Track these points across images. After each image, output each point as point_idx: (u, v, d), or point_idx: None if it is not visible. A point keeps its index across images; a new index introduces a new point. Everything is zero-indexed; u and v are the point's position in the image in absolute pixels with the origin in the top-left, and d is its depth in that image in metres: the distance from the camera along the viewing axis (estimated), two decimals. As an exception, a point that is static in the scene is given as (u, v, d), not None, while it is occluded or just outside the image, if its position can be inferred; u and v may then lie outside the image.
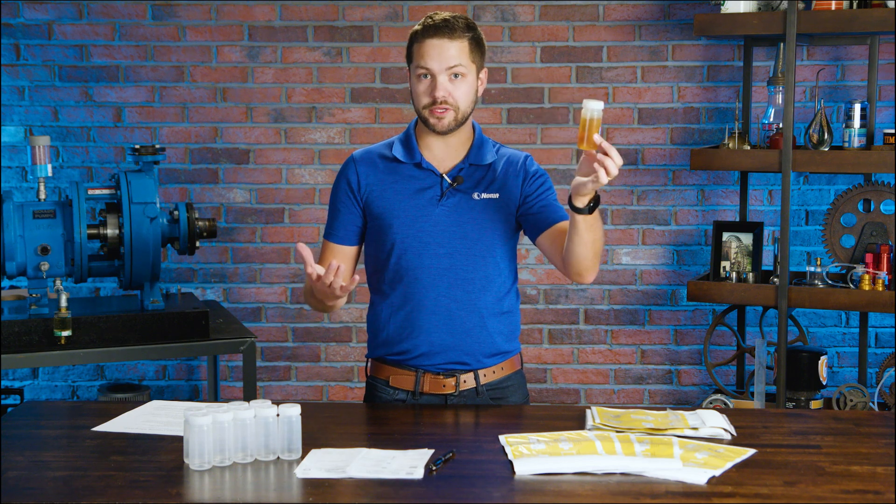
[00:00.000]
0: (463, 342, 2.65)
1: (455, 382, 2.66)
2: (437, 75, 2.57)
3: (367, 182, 2.69)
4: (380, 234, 2.69)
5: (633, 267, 4.48)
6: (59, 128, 4.47)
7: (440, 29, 2.57)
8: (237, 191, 4.51)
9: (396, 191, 2.67)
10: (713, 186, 4.44)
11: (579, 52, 4.41)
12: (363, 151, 2.75)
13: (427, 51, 2.57)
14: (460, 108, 2.60)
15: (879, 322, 4.38)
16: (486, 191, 2.66)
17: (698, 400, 4.47)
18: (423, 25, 2.61)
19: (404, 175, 2.67)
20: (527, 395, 2.81)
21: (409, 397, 2.68)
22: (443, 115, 2.59)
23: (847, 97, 4.26)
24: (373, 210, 2.69)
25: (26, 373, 4.53)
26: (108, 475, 2.16)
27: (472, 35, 2.60)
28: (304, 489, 2.10)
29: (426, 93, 2.59)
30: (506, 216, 2.67)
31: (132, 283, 3.58)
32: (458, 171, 2.66)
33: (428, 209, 2.64)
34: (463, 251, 2.64)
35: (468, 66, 2.59)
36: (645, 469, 2.15)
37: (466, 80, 2.60)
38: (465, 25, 2.60)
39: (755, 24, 3.89)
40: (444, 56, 2.56)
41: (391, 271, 2.68)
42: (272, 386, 4.55)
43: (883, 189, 3.99)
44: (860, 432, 2.47)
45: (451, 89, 2.58)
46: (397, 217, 2.65)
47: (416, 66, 2.61)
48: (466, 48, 2.58)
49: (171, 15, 4.43)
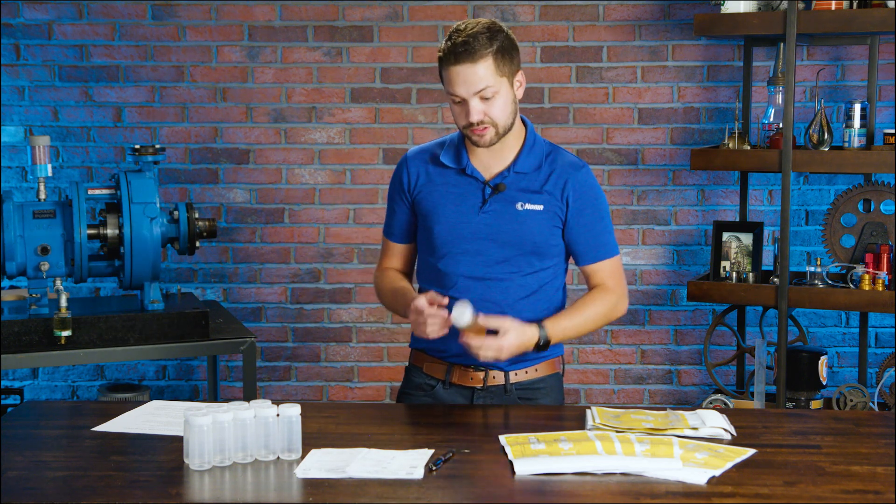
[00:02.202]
0: None
1: (483, 377, 2.67)
2: (469, 100, 2.53)
3: (417, 182, 2.71)
4: (425, 235, 2.71)
5: (633, 267, 4.48)
6: (59, 128, 4.47)
7: (461, 55, 2.51)
8: (237, 191, 4.51)
9: (441, 194, 2.67)
10: (713, 186, 4.44)
11: (579, 52, 4.41)
12: (417, 150, 2.76)
13: (453, 78, 2.53)
14: (499, 124, 2.57)
15: (879, 322, 4.38)
16: (530, 201, 2.63)
17: (698, 400, 4.47)
18: (445, 50, 2.55)
19: (450, 179, 2.68)
20: (561, 397, 2.79)
21: (440, 385, 2.70)
22: (483, 133, 2.57)
23: (847, 97, 4.26)
24: (420, 210, 2.71)
25: (26, 373, 4.53)
26: (108, 475, 2.16)
27: (496, 48, 2.52)
28: (304, 489, 2.10)
29: (463, 116, 2.57)
30: (550, 228, 2.64)
31: (132, 283, 3.58)
32: (502, 179, 2.64)
33: (469, 216, 2.64)
34: (501, 262, 2.63)
35: (497, 82, 2.54)
36: (645, 469, 2.15)
37: (499, 95, 2.55)
38: (487, 40, 2.51)
39: (755, 24, 3.89)
40: (470, 81, 2.52)
41: (432, 272, 2.70)
42: (272, 386, 4.55)
43: (883, 189, 3.99)
44: (860, 432, 2.47)
45: (486, 109, 2.54)
46: (438, 222, 2.66)
47: (447, 92, 2.58)
48: (492, 66, 2.52)
49: (171, 15, 4.43)
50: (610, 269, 2.71)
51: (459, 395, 2.69)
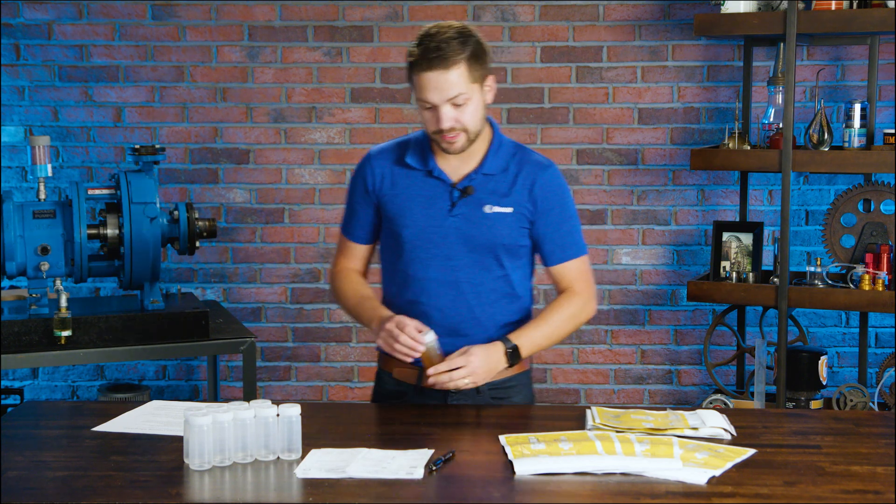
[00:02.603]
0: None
1: None
2: (440, 107, 2.50)
3: (382, 182, 2.67)
4: (391, 238, 2.68)
5: (633, 267, 4.48)
6: (59, 128, 4.47)
7: (433, 61, 2.47)
8: (237, 191, 4.51)
9: (408, 196, 2.64)
10: (713, 186, 4.44)
11: (579, 52, 4.41)
12: (380, 149, 2.72)
13: (424, 84, 2.50)
14: (470, 129, 2.55)
15: (879, 322, 4.38)
16: (498, 203, 2.61)
17: (698, 400, 4.47)
18: (417, 55, 2.51)
19: (417, 181, 2.64)
20: (532, 395, 2.80)
21: (412, 390, 2.68)
22: (454, 140, 2.54)
23: (847, 97, 4.26)
24: (386, 212, 2.67)
25: (26, 373, 4.53)
26: (108, 475, 2.16)
27: (468, 54, 2.50)
28: (304, 489, 2.10)
29: (433, 122, 2.54)
30: (518, 230, 2.63)
31: (132, 283, 3.58)
32: (470, 181, 2.62)
33: (438, 219, 2.61)
34: (470, 265, 2.62)
35: (469, 88, 2.51)
36: (645, 469, 2.15)
37: (471, 101, 2.52)
38: (459, 46, 2.49)
39: (755, 24, 3.89)
40: (442, 88, 2.49)
41: (400, 276, 2.67)
42: (272, 386, 4.55)
43: (883, 189, 3.99)
44: (860, 432, 2.47)
45: (457, 115, 2.52)
46: (407, 226, 2.63)
47: (417, 98, 2.55)
48: (464, 72, 2.50)
49: (171, 15, 4.42)
50: (577, 269, 2.68)
51: (432, 399, 2.68)
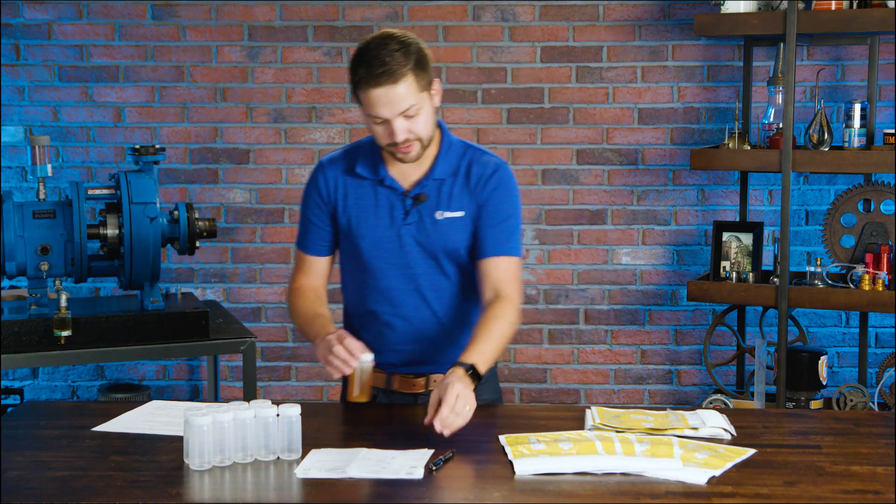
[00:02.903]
0: (432, 356, 2.65)
1: (425, 382, 2.67)
2: (392, 121, 2.46)
3: (336, 192, 2.64)
4: (349, 249, 2.66)
5: (633, 267, 4.48)
6: (59, 128, 4.47)
7: (380, 77, 2.41)
8: (237, 191, 4.51)
9: (362, 207, 2.61)
10: (713, 186, 4.44)
11: (579, 52, 4.41)
12: (330, 158, 2.68)
13: (374, 101, 2.44)
14: (423, 137, 2.51)
15: (879, 322, 4.38)
16: (449, 209, 2.58)
17: (698, 400, 4.47)
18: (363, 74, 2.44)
19: (369, 191, 2.62)
20: (498, 391, 2.79)
21: (381, 394, 2.69)
22: (409, 150, 2.51)
23: (847, 97, 4.26)
24: (341, 223, 2.64)
25: (26, 373, 4.53)
26: (108, 475, 2.16)
27: (412, 64, 2.44)
28: (304, 489, 2.10)
29: (385, 135, 2.49)
30: (471, 233, 2.61)
31: (132, 283, 3.58)
32: (422, 188, 2.59)
33: (393, 229, 2.59)
34: (429, 271, 2.61)
35: (418, 98, 2.46)
36: (645, 469, 2.15)
37: (422, 111, 2.48)
38: (402, 58, 2.42)
39: (755, 24, 3.89)
40: (394, 102, 2.44)
41: (361, 286, 2.66)
42: (272, 386, 4.55)
43: (883, 189, 3.99)
44: (860, 432, 2.47)
45: (409, 126, 2.48)
46: (364, 237, 2.61)
47: (366, 113, 2.49)
48: (412, 83, 2.45)
49: (171, 15, 4.43)
50: (507, 268, 2.60)
51: (402, 401, 2.68)
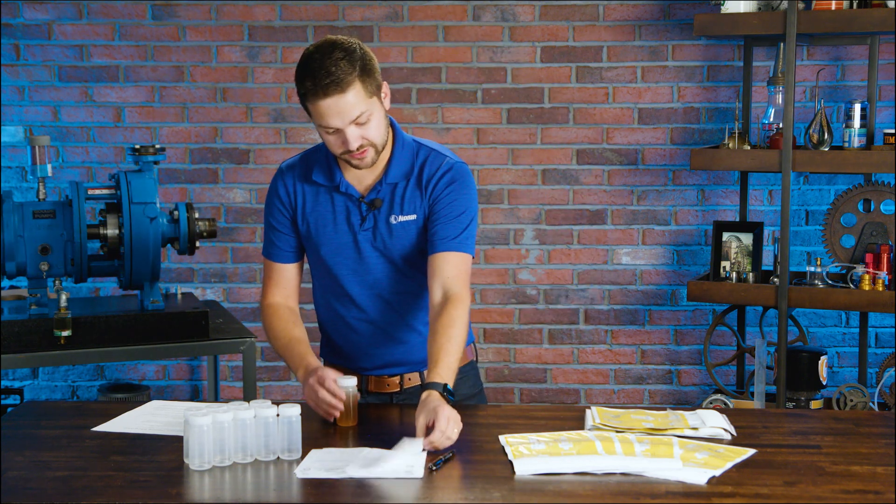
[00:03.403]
0: (403, 356, 2.64)
1: (399, 381, 2.67)
2: (344, 129, 2.45)
3: (295, 198, 2.63)
4: (313, 256, 2.65)
5: (633, 267, 4.48)
6: (59, 128, 4.47)
7: (328, 87, 2.40)
8: (237, 191, 4.51)
9: (320, 214, 2.61)
10: (713, 186, 4.44)
11: (579, 52, 4.41)
12: (289, 164, 2.67)
13: (324, 112, 2.42)
14: (377, 143, 2.50)
15: (879, 322, 4.38)
16: (402, 212, 2.57)
17: (698, 400, 4.47)
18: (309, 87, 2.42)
19: (325, 198, 2.61)
20: (479, 384, 2.76)
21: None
22: (363, 156, 2.49)
23: (847, 97, 4.26)
24: (301, 230, 2.64)
25: (26, 373, 4.53)
26: (108, 475, 2.16)
27: (358, 71, 2.41)
28: (304, 489, 2.10)
29: (339, 144, 2.48)
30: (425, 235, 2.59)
31: (132, 283, 3.58)
32: (376, 193, 2.57)
33: (351, 236, 2.59)
34: (390, 275, 2.60)
35: (368, 104, 2.45)
36: (645, 469, 2.15)
37: (373, 116, 2.47)
38: (348, 66, 2.40)
39: (755, 24, 3.89)
40: (344, 112, 2.42)
41: (328, 293, 2.66)
42: (272, 386, 4.55)
43: (883, 189, 3.99)
44: (860, 432, 2.47)
45: (362, 133, 2.46)
46: (324, 244, 2.60)
47: (318, 125, 2.48)
48: (360, 90, 2.43)
49: (171, 15, 4.43)
50: (458, 264, 2.55)
51: (377, 402, 2.68)
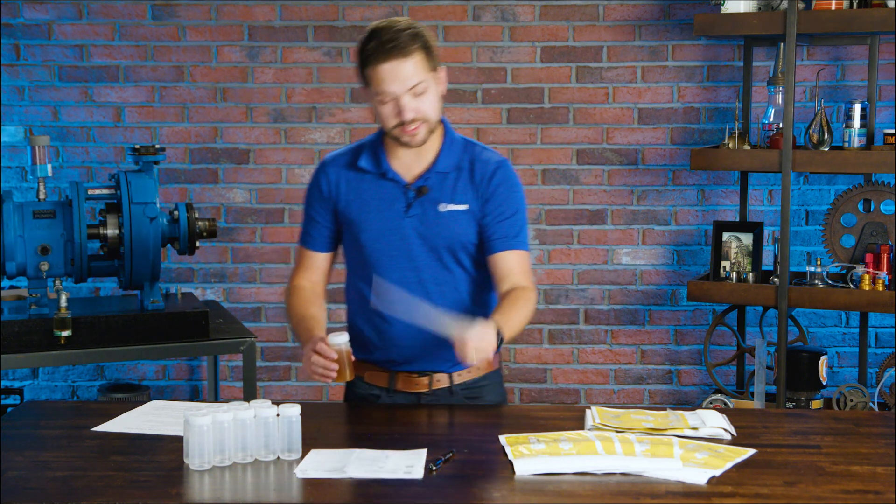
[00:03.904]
0: (435, 352, 2.63)
1: (428, 381, 2.66)
2: (400, 98, 2.49)
3: (338, 188, 2.65)
4: (352, 243, 2.66)
5: (633, 267, 4.48)
6: (59, 128, 4.47)
7: (390, 51, 2.46)
8: (237, 191, 4.51)
9: (364, 201, 2.62)
10: (713, 186, 4.44)
11: (579, 52, 4.41)
12: (334, 155, 2.71)
13: (384, 76, 2.48)
14: (431, 120, 2.54)
15: (879, 322, 4.38)
16: (452, 201, 2.59)
17: (698, 400, 4.47)
18: (370, 48, 2.50)
19: (371, 185, 2.63)
20: (503, 393, 2.78)
21: (384, 393, 2.68)
22: (416, 132, 2.52)
23: (847, 97, 4.26)
24: (344, 219, 2.66)
25: (26, 373, 4.53)
26: (108, 475, 2.16)
27: (421, 43, 2.49)
28: (304, 489, 2.10)
29: (393, 115, 2.51)
30: (474, 227, 2.61)
31: (132, 283, 3.58)
32: (425, 181, 2.60)
33: (395, 221, 2.60)
34: (431, 265, 2.60)
35: (427, 77, 2.50)
36: (645, 469, 2.15)
37: (429, 90, 2.51)
38: (412, 36, 2.48)
39: (755, 24, 3.89)
40: (402, 77, 2.47)
41: (362, 281, 2.66)
42: (272, 386, 4.55)
43: (883, 189, 3.99)
44: (860, 432, 2.47)
45: (417, 105, 2.50)
46: (365, 230, 2.62)
47: (374, 93, 2.52)
48: (421, 60, 2.49)
49: (171, 15, 4.43)
50: (521, 263, 2.61)
51: (405, 401, 2.67)
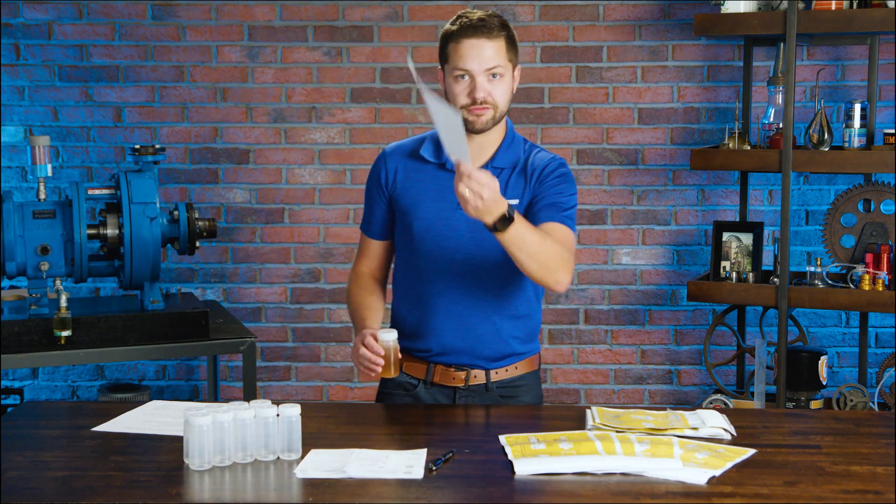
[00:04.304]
0: (475, 346, 2.66)
1: (465, 376, 2.67)
2: (476, 76, 2.54)
3: (395, 178, 2.70)
4: (403, 233, 2.70)
5: (633, 267, 4.48)
6: (59, 128, 4.47)
7: (477, 29, 2.53)
8: (237, 191, 4.51)
9: (419, 190, 2.66)
10: (713, 186, 4.44)
11: (579, 52, 4.41)
12: (394, 146, 2.76)
13: (465, 52, 2.53)
14: (499, 107, 2.58)
15: (879, 322, 4.38)
16: (507, 195, 2.59)
17: (698, 400, 4.47)
18: (458, 25, 2.56)
19: (429, 175, 2.67)
20: (540, 395, 2.81)
21: (421, 385, 2.70)
22: (482, 114, 2.56)
23: (847, 97, 4.26)
24: (398, 206, 2.70)
25: (26, 373, 4.53)
26: (108, 475, 2.16)
27: (507, 33, 2.57)
28: (304, 489, 2.10)
29: (465, 93, 2.55)
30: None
31: (132, 283, 3.58)
32: None
33: (447, 212, 2.62)
34: (478, 257, 2.62)
35: (505, 65, 2.56)
36: (645, 469, 2.15)
37: (504, 79, 2.57)
38: (500, 24, 2.56)
39: (755, 24, 3.89)
40: (483, 56, 2.53)
41: (410, 270, 2.69)
42: (272, 386, 4.55)
43: (883, 189, 3.99)
44: (860, 432, 2.47)
45: (491, 89, 2.55)
46: (417, 218, 2.65)
47: (453, 68, 2.56)
48: (504, 47, 2.55)
49: (171, 15, 4.43)
50: (564, 235, 2.57)
51: (441, 394, 2.69)
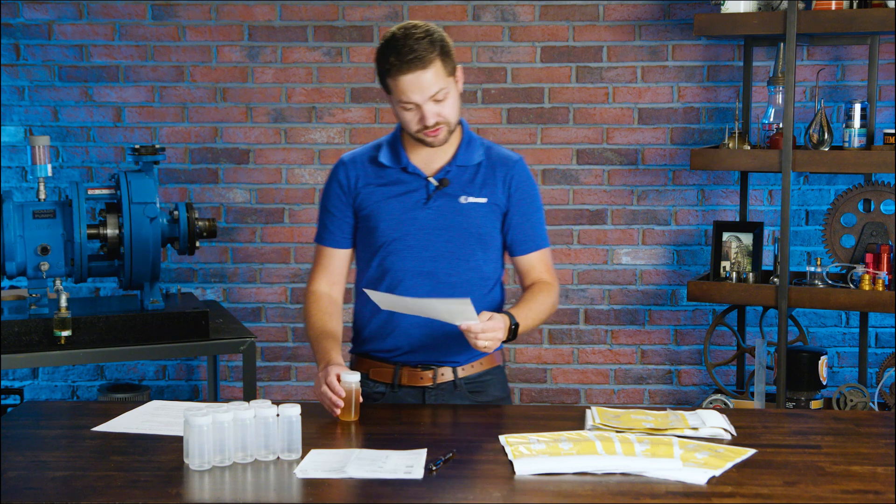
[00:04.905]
0: (442, 343, 2.67)
1: (433, 375, 2.69)
2: (423, 105, 2.56)
3: (357, 183, 2.71)
4: (367, 235, 2.71)
5: (633, 267, 4.48)
6: (59, 128, 4.47)
7: (411, 63, 2.52)
8: (237, 191, 4.51)
9: (383, 193, 2.68)
10: (713, 186, 4.44)
11: (579, 52, 4.41)
12: (352, 154, 2.77)
13: (405, 87, 2.54)
14: (451, 121, 2.61)
15: (879, 322, 4.38)
16: (473, 194, 2.67)
17: (698, 400, 4.47)
18: (392, 62, 2.54)
19: (392, 177, 2.69)
20: (507, 389, 2.82)
21: (388, 390, 2.71)
22: (437, 134, 2.60)
23: (847, 97, 4.26)
24: (362, 211, 2.71)
25: (26, 373, 4.53)
26: (108, 475, 2.16)
27: (438, 50, 2.55)
28: (304, 489, 2.10)
29: (415, 121, 2.59)
30: (492, 220, 2.70)
31: (132, 283, 3.58)
32: (445, 174, 2.67)
33: (413, 212, 2.66)
34: (446, 255, 2.66)
35: (447, 82, 2.57)
36: (645, 469, 2.15)
37: (450, 95, 2.59)
38: (428, 44, 2.54)
39: (755, 24, 3.89)
40: (423, 87, 2.54)
41: (375, 271, 2.71)
42: (272, 386, 4.55)
43: (883, 189, 3.99)
44: (860, 432, 2.47)
45: (439, 110, 2.57)
46: (383, 220, 2.67)
47: (397, 100, 2.58)
48: (440, 67, 2.55)
49: (171, 15, 4.43)
50: (544, 260, 2.76)
51: (410, 396, 2.71)
